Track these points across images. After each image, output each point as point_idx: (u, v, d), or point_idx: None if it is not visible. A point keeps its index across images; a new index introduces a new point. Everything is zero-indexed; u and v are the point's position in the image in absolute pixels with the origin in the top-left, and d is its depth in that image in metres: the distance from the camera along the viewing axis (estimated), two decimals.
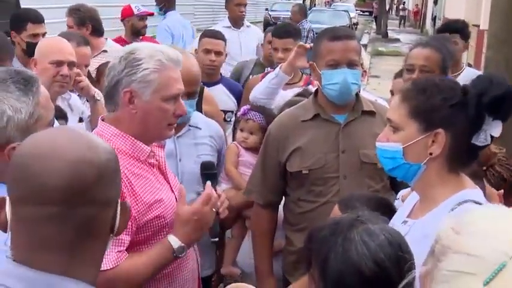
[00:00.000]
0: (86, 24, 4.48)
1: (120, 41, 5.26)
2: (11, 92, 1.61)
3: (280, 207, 2.78)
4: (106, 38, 4.66)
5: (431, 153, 1.72)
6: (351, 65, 2.53)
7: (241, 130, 3.19)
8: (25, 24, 3.93)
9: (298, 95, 3.22)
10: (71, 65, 3.03)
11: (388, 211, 1.90)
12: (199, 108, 2.99)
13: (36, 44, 3.30)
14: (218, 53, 3.99)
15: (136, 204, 1.92)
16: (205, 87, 3.63)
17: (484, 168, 2.51)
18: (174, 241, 1.95)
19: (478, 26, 12.56)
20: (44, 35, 3.91)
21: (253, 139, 3.15)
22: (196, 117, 2.86)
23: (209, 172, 2.27)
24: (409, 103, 1.75)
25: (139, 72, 1.94)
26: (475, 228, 0.98)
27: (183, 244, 1.96)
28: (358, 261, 1.36)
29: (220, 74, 4.19)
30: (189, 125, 2.79)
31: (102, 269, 1.23)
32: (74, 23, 4.48)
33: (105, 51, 4.42)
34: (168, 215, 2.01)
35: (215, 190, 2.10)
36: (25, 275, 1.10)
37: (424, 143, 1.72)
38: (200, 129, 2.83)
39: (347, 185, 2.51)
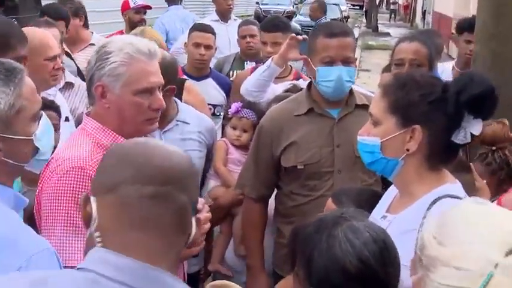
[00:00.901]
0: (80, 15, 4.46)
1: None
2: None
3: (272, 201, 2.77)
4: (92, 32, 4.63)
5: (408, 150, 1.71)
6: (346, 62, 2.53)
7: (234, 128, 3.13)
8: (42, 17, 3.94)
9: (287, 91, 3.19)
10: (60, 56, 3.05)
11: None
12: (179, 98, 2.95)
13: None
14: (208, 47, 3.97)
15: None
16: (187, 78, 3.62)
17: (494, 148, 2.54)
18: None
19: None
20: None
21: (246, 137, 3.10)
22: (186, 112, 2.83)
23: None
24: (388, 98, 1.74)
25: (108, 66, 1.91)
26: (456, 235, 1.00)
27: None
28: (343, 259, 1.35)
29: (210, 67, 4.17)
30: (177, 120, 2.77)
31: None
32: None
33: (92, 44, 4.36)
34: None
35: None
36: (127, 265, 1.11)
37: (401, 138, 1.71)
38: (188, 124, 2.80)
39: (341, 179, 2.51)
